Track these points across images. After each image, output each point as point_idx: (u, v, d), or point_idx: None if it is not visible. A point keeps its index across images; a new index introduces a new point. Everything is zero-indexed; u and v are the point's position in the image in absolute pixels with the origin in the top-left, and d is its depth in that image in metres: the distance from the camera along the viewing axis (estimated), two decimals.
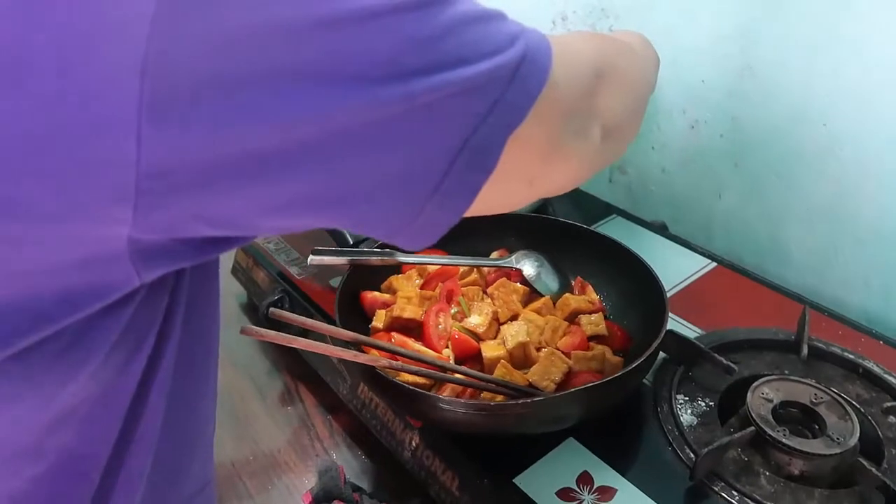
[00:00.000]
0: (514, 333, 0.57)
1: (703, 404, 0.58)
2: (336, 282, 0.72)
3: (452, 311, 0.62)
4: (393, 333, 0.59)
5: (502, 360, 0.56)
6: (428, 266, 0.66)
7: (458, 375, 0.54)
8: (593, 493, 0.51)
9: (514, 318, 0.60)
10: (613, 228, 0.81)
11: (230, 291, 0.87)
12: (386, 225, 0.33)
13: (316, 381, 0.72)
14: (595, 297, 0.65)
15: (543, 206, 0.81)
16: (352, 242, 0.68)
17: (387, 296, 0.65)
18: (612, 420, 0.56)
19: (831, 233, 0.74)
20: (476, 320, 0.60)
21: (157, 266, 0.30)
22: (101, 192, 0.25)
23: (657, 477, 0.52)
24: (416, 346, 0.58)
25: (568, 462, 0.53)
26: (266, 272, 0.78)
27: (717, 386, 0.59)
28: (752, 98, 0.76)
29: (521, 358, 0.57)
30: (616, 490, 0.51)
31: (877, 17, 0.63)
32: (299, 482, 0.63)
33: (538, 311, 0.61)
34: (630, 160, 0.94)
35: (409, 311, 0.60)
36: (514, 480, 0.52)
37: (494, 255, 0.69)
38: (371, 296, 0.65)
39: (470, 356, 0.58)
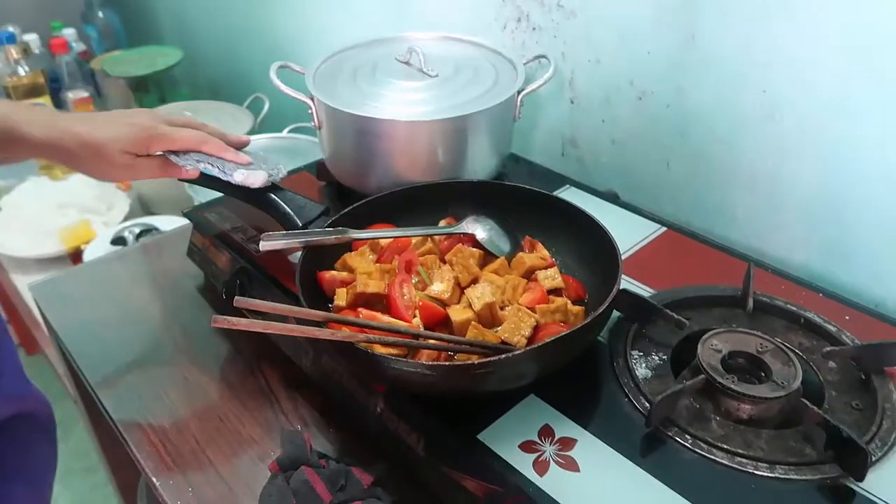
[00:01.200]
0: (479, 295, 0.58)
1: (656, 358, 0.60)
2: (297, 257, 0.73)
3: (413, 280, 0.62)
4: (360, 309, 0.59)
5: (473, 322, 0.57)
6: (380, 241, 0.66)
7: (432, 341, 0.55)
8: (554, 444, 0.53)
9: (474, 281, 0.61)
10: (566, 198, 0.83)
11: (186, 273, 0.86)
12: None
13: (278, 358, 0.72)
14: (546, 253, 0.67)
15: (498, 178, 0.82)
16: (301, 224, 0.67)
17: (344, 274, 0.65)
18: (571, 376, 0.58)
19: (773, 195, 0.77)
20: (439, 287, 0.60)
21: None
22: None
23: (615, 426, 0.54)
24: (386, 319, 0.58)
25: (529, 417, 0.55)
26: (223, 252, 0.77)
27: (670, 340, 0.61)
28: (696, 68, 0.79)
29: (488, 318, 0.58)
30: (576, 440, 0.53)
31: None
32: (265, 454, 0.63)
33: (496, 272, 0.62)
34: (581, 133, 0.96)
35: (373, 286, 0.60)
36: (478, 437, 0.53)
37: (442, 223, 0.70)
38: (329, 275, 0.64)
39: (438, 322, 0.59)
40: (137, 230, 1.20)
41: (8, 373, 0.52)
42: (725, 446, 0.51)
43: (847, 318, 0.63)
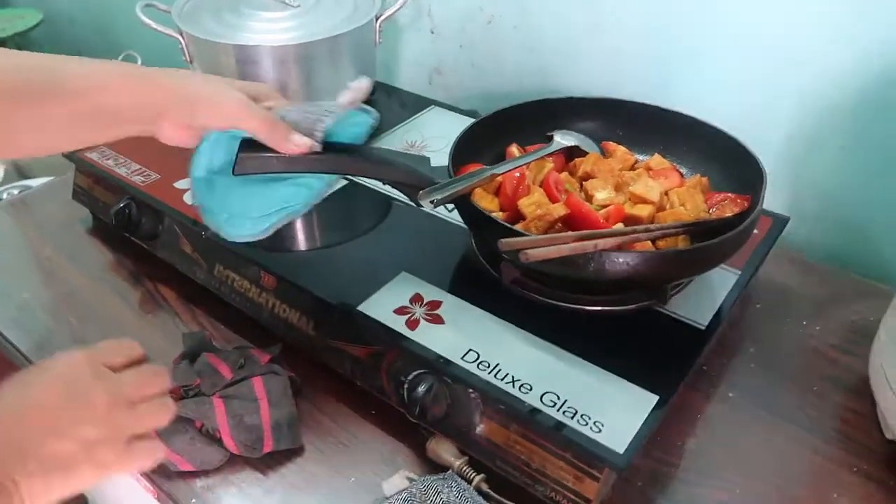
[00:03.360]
0: (648, 188, 0.62)
1: None
2: (183, 183, 0.77)
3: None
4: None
5: (668, 210, 0.62)
6: (497, 177, 0.64)
7: (667, 230, 0.57)
8: (423, 306, 0.61)
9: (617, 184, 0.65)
10: (432, 117, 0.91)
11: (75, 217, 0.88)
12: None
13: (172, 278, 0.77)
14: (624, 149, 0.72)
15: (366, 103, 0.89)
16: (428, 180, 0.60)
17: (501, 213, 0.64)
18: (435, 253, 0.67)
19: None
20: (604, 194, 0.63)
21: None
22: None
23: (471, 286, 0.63)
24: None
25: (401, 289, 0.63)
26: (110, 187, 0.80)
27: None
28: None
29: (662, 206, 0.63)
30: (441, 302, 0.62)
31: None
32: (169, 359, 0.69)
33: (597, 170, 0.67)
34: (444, 61, 1.04)
35: (559, 210, 0.60)
36: (357, 308, 0.61)
37: (514, 149, 0.72)
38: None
39: (625, 221, 0.61)
40: (16, 192, 1.19)
41: None
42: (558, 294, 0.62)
43: None
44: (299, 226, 0.74)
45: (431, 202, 0.57)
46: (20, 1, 1.75)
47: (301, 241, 0.73)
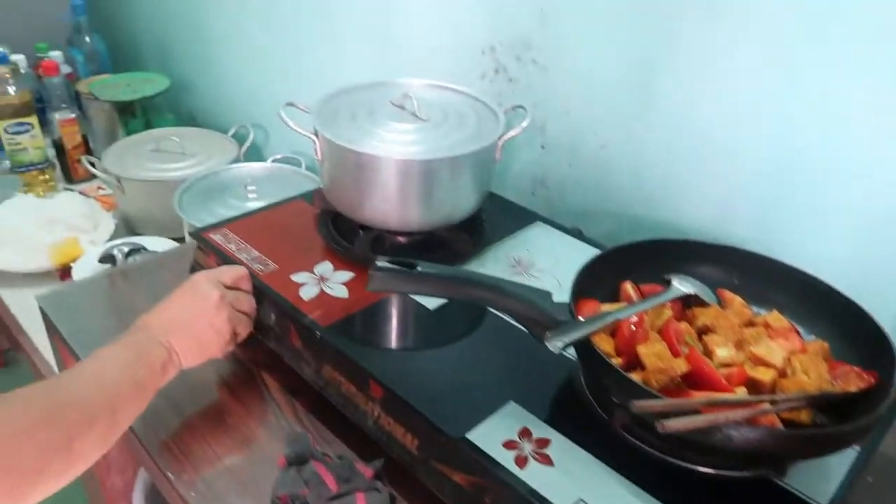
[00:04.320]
0: (772, 351, 0.61)
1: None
2: (300, 276, 0.80)
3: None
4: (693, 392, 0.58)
5: (790, 377, 0.60)
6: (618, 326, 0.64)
7: (765, 405, 0.55)
8: (532, 443, 0.61)
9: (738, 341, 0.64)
10: (537, 233, 0.93)
11: None
12: None
13: (277, 368, 0.79)
14: (742, 302, 0.70)
15: (477, 215, 0.91)
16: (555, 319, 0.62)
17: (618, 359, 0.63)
18: (545, 386, 0.67)
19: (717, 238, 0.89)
20: (726, 352, 0.62)
21: None
22: None
23: (583, 430, 0.63)
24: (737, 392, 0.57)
25: (510, 420, 0.63)
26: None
27: None
28: (652, 121, 0.91)
29: (785, 372, 0.61)
30: (550, 440, 0.62)
31: (749, 50, 0.79)
32: (269, 452, 0.70)
33: (720, 324, 0.65)
34: (550, 175, 1.07)
35: (681, 365, 0.59)
36: (465, 436, 0.62)
37: (629, 287, 0.72)
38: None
39: (745, 385, 0.60)
40: (126, 249, 1.25)
41: None
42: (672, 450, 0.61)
43: None
44: (413, 334, 0.76)
45: (559, 344, 0.57)
46: (151, 66, 1.88)
47: (414, 352, 0.75)
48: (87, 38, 1.81)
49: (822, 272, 0.69)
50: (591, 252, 0.88)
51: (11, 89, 1.49)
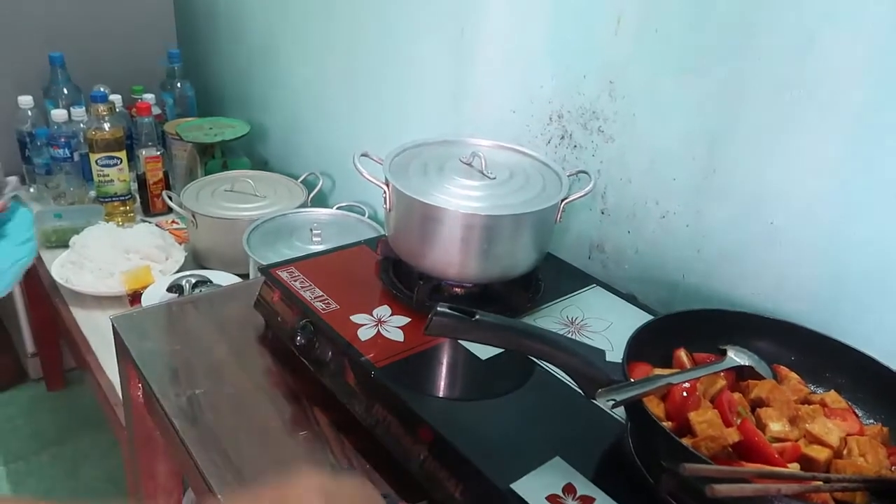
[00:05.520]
0: (827, 430, 0.61)
1: None
2: (359, 318, 0.84)
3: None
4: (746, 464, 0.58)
5: (846, 458, 0.59)
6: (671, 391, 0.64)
7: (818, 483, 0.54)
8: (576, 499, 0.61)
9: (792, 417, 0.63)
10: (592, 296, 0.95)
11: (250, 323, 0.97)
12: None
13: (329, 404, 0.82)
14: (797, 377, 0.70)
15: (534, 273, 0.94)
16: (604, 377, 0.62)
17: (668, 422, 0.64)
18: (593, 443, 0.67)
19: (775, 313, 0.88)
20: (778, 427, 0.62)
21: None
22: None
23: (627, 489, 0.63)
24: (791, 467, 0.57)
25: (555, 475, 0.64)
26: (291, 306, 0.88)
27: None
28: (714, 194, 0.92)
29: (840, 452, 0.60)
30: (595, 499, 0.62)
31: (816, 128, 0.80)
32: None
33: (775, 398, 0.65)
34: (608, 240, 1.08)
35: (733, 435, 0.58)
36: (510, 486, 0.62)
37: (683, 355, 0.72)
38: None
39: (798, 461, 0.59)
40: (193, 280, 1.31)
41: None
42: None
43: None
44: (464, 382, 0.77)
45: (610, 402, 0.58)
46: (232, 112, 2.01)
47: (464, 399, 0.76)
48: (179, 84, 1.94)
49: (882, 359, 0.68)
50: (645, 317, 0.89)
51: (106, 125, 1.61)
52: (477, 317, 0.64)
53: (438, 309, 0.64)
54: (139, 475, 1.06)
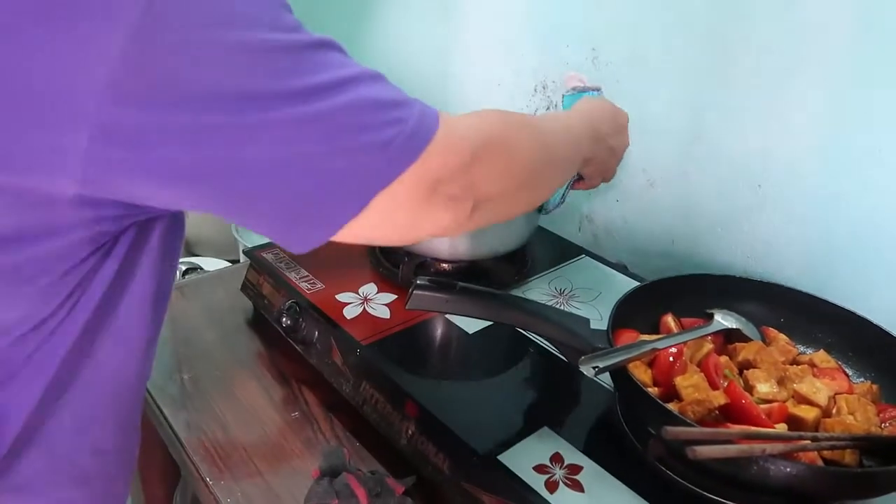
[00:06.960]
0: (816, 389, 0.60)
1: None
2: (345, 296, 0.83)
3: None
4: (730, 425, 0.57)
5: (835, 417, 0.59)
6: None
7: (805, 441, 0.53)
8: (563, 468, 0.61)
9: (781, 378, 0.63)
10: (581, 266, 0.94)
11: (238, 307, 0.96)
12: (269, 226, 0.44)
13: (316, 383, 0.81)
14: (787, 339, 0.69)
15: (521, 248, 0.92)
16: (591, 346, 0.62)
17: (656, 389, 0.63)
18: (580, 413, 0.67)
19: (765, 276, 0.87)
20: (766, 388, 0.61)
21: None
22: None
23: (616, 456, 0.62)
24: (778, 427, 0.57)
25: (543, 445, 0.63)
26: (277, 288, 0.87)
27: None
28: (701, 161, 0.91)
29: (829, 412, 0.60)
30: (582, 467, 0.61)
31: (804, 97, 0.78)
32: (305, 466, 0.71)
33: (762, 359, 0.65)
34: (597, 210, 1.07)
35: (719, 398, 0.58)
36: (498, 458, 0.62)
37: (670, 320, 0.72)
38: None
39: (785, 422, 0.59)
40: (184, 268, 1.30)
41: None
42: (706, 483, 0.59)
43: None
44: (451, 356, 0.77)
45: (593, 369, 0.57)
46: None
47: (451, 373, 0.76)
48: None
49: (872, 317, 0.67)
50: (634, 286, 0.88)
51: None
52: (457, 288, 0.63)
53: (418, 282, 0.63)
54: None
